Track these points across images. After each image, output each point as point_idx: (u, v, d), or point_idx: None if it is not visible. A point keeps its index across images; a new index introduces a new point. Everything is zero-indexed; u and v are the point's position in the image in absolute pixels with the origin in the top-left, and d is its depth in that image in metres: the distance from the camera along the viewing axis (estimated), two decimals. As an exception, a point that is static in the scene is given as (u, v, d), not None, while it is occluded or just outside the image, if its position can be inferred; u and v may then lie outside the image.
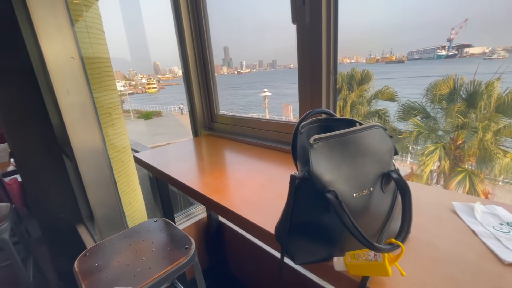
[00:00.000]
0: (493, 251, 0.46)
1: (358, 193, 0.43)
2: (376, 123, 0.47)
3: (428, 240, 0.50)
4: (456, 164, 5.80)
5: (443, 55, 47.55)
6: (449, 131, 6.06)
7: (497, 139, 5.25)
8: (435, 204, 0.62)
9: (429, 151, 5.69)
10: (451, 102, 5.96)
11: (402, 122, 7.27)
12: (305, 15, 0.90)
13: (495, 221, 0.53)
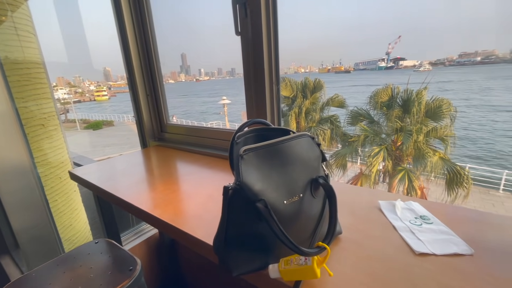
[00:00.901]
0: (408, 243, 0.52)
1: (288, 200, 0.45)
2: (305, 133, 0.50)
3: (356, 239, 0.55)
4: (397, 163, 6.49)
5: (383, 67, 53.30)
6: (390, 134, 6.77)
7: (427, 140, 6.04)
8: (365, 204, 0.68)
9: (375, 152, 6.26)
10: (390, 108, 6.68)
11: (351, 127, 7.90)
12: (248, 27, 0.93)
13: (411, 216, 0.60)
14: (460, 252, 0.48)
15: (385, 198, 0.68)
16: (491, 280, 0.42)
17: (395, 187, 6.52)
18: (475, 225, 0.56)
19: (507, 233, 0.53)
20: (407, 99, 6.37)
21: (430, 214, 0.60)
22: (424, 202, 0.65)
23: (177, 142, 1.47)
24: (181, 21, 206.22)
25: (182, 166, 1.15)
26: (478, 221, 0.57)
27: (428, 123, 6.13)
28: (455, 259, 0.47)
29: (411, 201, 0.65)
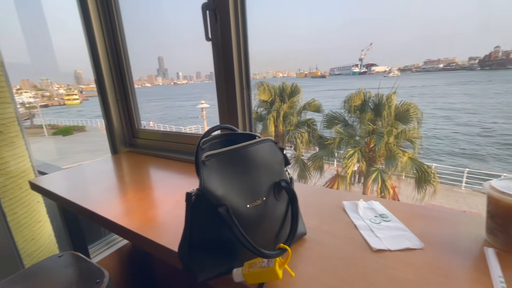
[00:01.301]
0: (367, 240, 0.55)
1: (251, 204, 0.46)
2: (268, 138, 0.51)
3: (320, 239, 0.57)
4: (371, 164, 6.78)
5: (357, 72, 55.69)
6: (363, 136, 7.07)
7: (398, 142, 6.39)
8: (330, 205, 0.71)
9: (350, 154, 6.50)
10: (363, 112, 7.00)
11: (327, 130, 8.15)
12: (218, 33, 0.94)
13: (372, 215, 0.64)
14: (412, 247, 0.52)
15: (349, 198, 0.72)
16: (437, 271, 0.46)
17: (369, 187, 6.80)
18: (426, 220, 0.60)
19: (452, 227, 0.58)
20: (378, 103, 6.71)
21: (388, 212, 0.64)
22: (384, 201, 0.69)
23: (150, 148, 1.43)
24: (159, 24, 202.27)
25: (153, 172, 1.12)
26: (429, 217, 0.62)
27: (398, 125, 6.50)
28: (407, 253, 0.51)
29: (373, 201, 0.69)
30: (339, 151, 7.48)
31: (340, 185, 6.93)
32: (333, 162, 8.87)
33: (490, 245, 0.51)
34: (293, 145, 8.91)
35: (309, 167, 8.21)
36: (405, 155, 6.06)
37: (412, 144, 6.34)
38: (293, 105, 9.55)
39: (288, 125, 9.34)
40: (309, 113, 9.44)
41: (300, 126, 9.21)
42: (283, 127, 9.33)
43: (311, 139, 8.74)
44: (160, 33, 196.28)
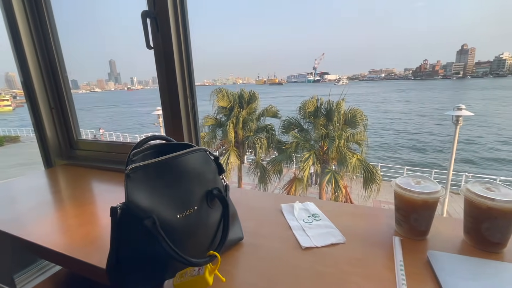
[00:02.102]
0: (298, 240, 0.59)
1: (182, 214, 0.46)
2: (200, 147, 0.53)
3: (256, 242, 0.60)
4: (325, 166, 7.23)
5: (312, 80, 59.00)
6: (318, 140, 7.51)
7: (347, 144, 6.93)
8: (269, 208, 0.74)
9: (305, 157, 6.84)
10: (316, 117, 7.45)
11: (285, 135, 8.46)
12: (159, 41, 0.93)
13: (305, 215, 0.69)
14: (336, 242, 0.58)
15: (287, 201, 0.77)
16: (354, 261, 0.52)
17: (324, 188, 7.22)
18: (351, 217, 0.68)
19: (371, 221, 0.66)
20: (329, 109, 7.22)
21: (320, 212, 0.70)
22: (318, 202, 0.75)
23: (91, 160, 1.32)
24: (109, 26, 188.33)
25: (94, 185, 1.04)
26: (354, 214, 0.69)
27: (347, 129, 7.06)
28: (332, 248, 0.56)
29: (307, 202, 0.75)
30: (296, 155, 7.82)
31: (297, 187, 7.23)
32: (291, 165, 9.21)
33: (398, 234, 0.60)
34: (253, 150, 9.05)
35: (269, 171, 8.41)
36: (354, 156, 6.60)
37: (359, 146, 6.94)
38: (252, 111, 9.72)
39: (247, 131, 9.45)
40: (268, 119, 9.70)
41: (259, 132, 9.39)
42: (243, 133, 9.41)
43: (270, 144, 8.97)
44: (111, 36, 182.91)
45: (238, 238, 0.59)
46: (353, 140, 6.95)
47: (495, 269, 0.47)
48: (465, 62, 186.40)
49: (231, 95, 9.60)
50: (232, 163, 8.87)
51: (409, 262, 0.50)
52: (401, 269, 0.48)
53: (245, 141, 9.23)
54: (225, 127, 9.13)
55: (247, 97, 9.75)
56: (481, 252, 0.53)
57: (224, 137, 9.21)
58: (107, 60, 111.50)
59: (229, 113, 9.58)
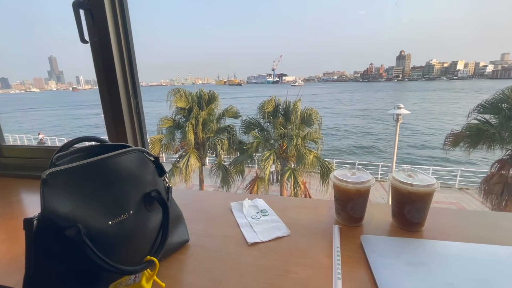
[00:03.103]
0: (245, 237, 0.59)
1: (114, 220, 0.43)
2: (136, 148, 0.49)
3: (203, 243, 0.58)
4: (285, 164, 7.46)
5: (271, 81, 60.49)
6: (277, 139, 7.71)
7: (305, 143, 7.26)
8: (219, 207, 0.74)
9: (266, 157, 6.98)
10: (275, 117, 7.65)
11: (246, 135, 8.51)
12: (96, 35, 0.85)
13: (254, 211, 0.70)
14: (281, 235, 0.59)
15: (237, 199, 0.77)
16: (296, 252, 0.54)
17: (285, 185, 7.45)
18: (297, 210, 0.71)
19: (316, 212, 0.69)
20: (287, 109, 7.48)
21: (268, 207, 0.72)
22: (267, 198, 0.77)
23: (19, 168, 1.16)
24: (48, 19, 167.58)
25: (17, 197, 0.91)
26: (300, 207, 0.72)
27: (304, 128, 7.40)
28: (277, 241, 0.58)
29: (257, 199, 0.76)
30: (257, 154, 7.92)
31: (259, 186, 7.33)
32: (253, 165, 9.30)
33: (338, 222, 0.64)
34: (214, 151, 8.91)
35: (231, 172, 8.37)
36: (311, 154, 6.94)
37: (315, 144, 7.32)
38: (212, 112, 9.57)
39: (208, 132, 9.27)
40: (228, 119, 9.65)
41: (220, 133, 9.28)
42: (203, 134, 9.21)
43: (232, 144, 8.93)
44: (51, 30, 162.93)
45: (184, 241, 0.57)
46: (310, 138, 7.30)
47: (415, 245, 0.53)
48: (403, 67, 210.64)
49: (190, 95, 9.32)
50: (192, 165, 8.62)
51: (345, 247, 0.54)
52: (338, 255, 0.51)
53: (205, 142, 9.05)
54: (184, 128, 8.83)
55: (206, 97, 9.56)
56: (405, 232, 0.60)
57: (184, 139, 8.90)
58: (47, 56, 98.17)
59: (188, 114, 9.30)
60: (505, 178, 5.02)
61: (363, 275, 0.47)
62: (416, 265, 0.46)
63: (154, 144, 8.53)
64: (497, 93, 5.04)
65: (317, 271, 0.48)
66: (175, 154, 9.87)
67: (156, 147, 8.51)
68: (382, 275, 0.44)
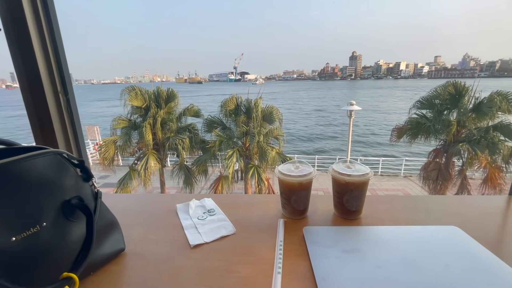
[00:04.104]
0: (188, 239, 0.57)
1: (20, 235, 0.37)
2: (52, 150, 0.43)
3: (141, 250, 0.54)
4: (248, 162, 7.50)
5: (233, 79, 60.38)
6: (240, 137, 7.71)
7: (267, 140, 7.39)
8: (163, 210, 0.69)
9: (229, 155, 6.93)
10: (237, 115, 7.63)
11: (208, 134, 8.34)
12: (9, 20, 0.73)
13: (201, 212, 0.68)
14: (227, 234, 0.58)
15: (183, 200, 0.73)
16: (242, 250, 0.53)
17: (249, 182, 7.50)
18: (245, 207, 0.70)
19: (263, 208, 0.69)
20: (248, 107, 7.51)
21: (216, 207, 0.70)
22: (216, 197, 0.75)
23: None
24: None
25: None
26: (248, 203, 0.72)
27: (266, 126, 7.51)
28: (222, 241, 0.56)
29: (205, 198, 0.74)
30: (221, 153, 7.83)
31: (224, 185, 7.26)
32: (216, 164, 9.17)
33: (283, 216, 0.65)
34: (176, 152, 8.57)
35: (194, 172, 8.15)
36: (273, 150, 7.08)
37: (277, 140, 7.50)
38: (171, 110, 9.18)
39: (168, 132, 8.88)
40: (190, 118, 9.35)
41: (181, 132, 8.96)
42: (163, 134, 8.79)
43: (194, 144, 8.68)
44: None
45: (119, 250, 0.52)
46: (272, 135, 7.45)
47: (353, 232, 0.56)
48: (355, 66, 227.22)
49: (146, 93, 8.81)
50: (152, 167, 8.19)
51: (289, 240, 0.55)
52: (280, 249, 0.51)
53: (165, 142, 8.65)
54: (141, 128, 8.32)
55: (165, 95, 9.13)
56: (345, 220, 0.63)
57: (141, 140, 8.38)
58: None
59: (145, 113, 8.78)
60: (439, 165, 5.73)
61: (303, 266, 0.47)
62: (351, 252, 0.49)
63: (108, 146, 7.91)
64: (431, 91, 5.71)
65: (259, 268, 0.48)
66: (133, 156, 9.27)
67: (110, 150, 7.90)
68: (319, 265, 0.46)
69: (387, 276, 0.43)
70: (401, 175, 8.84)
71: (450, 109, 5.63)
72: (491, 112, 5.11)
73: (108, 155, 8.02)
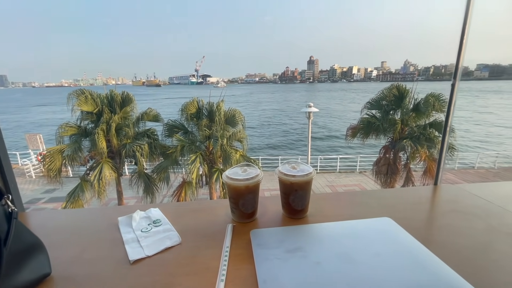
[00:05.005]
0: (128, 254, 0.53)
1: None
2: None
3: (73, 271, 0.49)
4: (212, 166, 7.37)
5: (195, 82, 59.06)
6: (203, 141, 7.55)
7: (230, 143, 7.36)
8: (104, 225, 0.64)
9: (192, 160, 6.73)
10: (199, 118, 7.47)
11: (169, 139, 8.01)
12: None
13: (146, 223, 0.64)
14: (172, 245, 0.55)
15: (127, 212, 0.68)
16: (186, 261, 0.51)
17: (213, 186, 7.38)
18: (193, 214, 0.68)
19: (213, 214, 0.68)
20: (210, 110, 7.40)
21: (163, 217, 0.66)
22: (163, 206, 0.72)
23: None
24: None
25: None
26: (196, 210, 0.70)
27: (229, 129, 7.48)
28: (166, 253, 0.54)
29: (151, 209, 0.70)
30: (183, 158, 7.57)
31: (187, 191, 7.03)
32: (179, 170, 8.84)
33: (233, 221, 0.64)
34: (134, 159, 8.05)
35: (155, 179, 7.74)
36: (237, 153, 7.08)
37: (241, 143, 7.51)
38: (127, 115, 8.62)
39: (124, 138, 8.31)
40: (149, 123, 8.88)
41: (139, 138, 8.46)
42: (118, 140, 8.19)
43: (154, 150, 8.26)
44: None
45: (42, 276, 0.46)
46: (235, 138, 7.44)
47: (297, 231, 0.58)
48: (313, 70, 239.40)
49: (98, 97, 8.14)
50: (107, 177, 7.56)
51: (236, 245, 0.55)
52: (226, 255, 0.50)
53: (121, 149, 8.07)
54: (93, 135, 7.65)
55: (119, 99, 8.54)
56: (293, 220, 0.64)
57: (94, 148, 7.70)
58: None
59: (98, 119, 8.11)
60: (388, 160, 6.29)
61: (247, 271, 0.47)
62: (293, 251, 0.50)
63: (54, 156, 7.13)
64: (379, 93, 6.26)
65: (202, 277, 0.46)
66: (84, 166, 8.50)
67: (56, 160, 7.12)
68: (262, 268, 0.46)
69: (325, 271, 0.45)
70: (357, 171, 9.52)
71: (395, 109, 6.24)
72: (427, 111, 5.79)
73: (53, 166, 7.22)
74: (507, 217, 0.64)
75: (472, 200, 0.73)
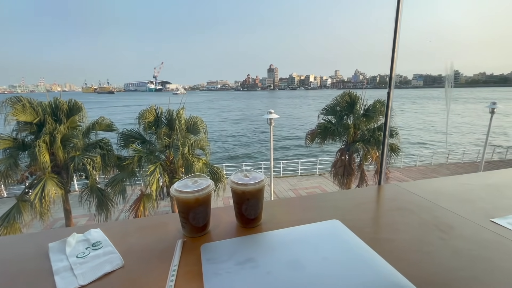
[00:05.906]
0: (57, 286, 0.46)
1: None
2: None
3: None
4: (173, 176, 7.05)
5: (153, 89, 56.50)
6: (162, 151, 7.20)
7: (192, 151, 7.14)
8: (30, 254, 0.55)
9: (151, 171, 6.36)
10: (158, 127, 7.12)
11: (125, 150, 7.47)
12: None
13: (83, 247, 0.57)
14: (112, 269, 0.50)
15: (62, 236, 0.60)
16: (128, 286, 0.46)
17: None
18: (139, 232, 0.63)
19: (162, 230, 0.64)
20: (170, 118, 7.12)
21: (104, 238, 0.60)
22: (106, 225, 0.65)
23: None
24: None
25: None
26: (142, 228, 0.65)
27: (190, 137, 7.26)
28: (106, 279, 0.48)
29: (91, 230, 0.63)
30: (141, 169, 7.11)
31: (146, 204, 6.60)
32: (137, 182, 8.27)
33: (184, 236, 0.61)
34: (84, 173, 7.31)
35: (109, 194, 7.12)
36: (200, 161, 6.89)
37: (204, 151, 7.34)
38: (76, 125, 7.85)
39: (72, 151, 7.52)
40: (101, 133, 8.19)
41: (90, 150, 7.74)
42: (65, 153, 7.38)
43: (107, 162, 7.61)
44: None
45: None
46: (197, 146, 7.25)
47: (249, 242, 0.57)
48: (273, 78, 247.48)
49: (39, 106, 7.27)
50: (51, 194, 6.74)
51: (186, 262, 0.52)
52: (173, 274, 0.47)
53: (69, 163, 7.28)
54: (33, 149, 6.78)
55: (65, 108, 7.74)
56: (247, 229, 0.64)
57: (34, 163, 6.81)
58: None
59: (39, 130, 7.22)
60: (344, 162, 6.72)
61: (195, 289, 0.45)
62: (244, 263, 0.49)
63: (-19, 174, 6.14)
64: (333, 99, 6.70)
65: (145, 302, 0.42)
66: (22, 184, 7.47)
67: (-16, 178, 6.15)
68: (211, 284, 0.44)
69: (276, 280, 0.45)
70: (317, 174, 9.97)
71: (348, 115, 6.73)
72: (375, 116, 6.36)
73: (-19, 186, 6.23)
74: (436, 210, 0.72)
75: (408, 196, 0.80)
